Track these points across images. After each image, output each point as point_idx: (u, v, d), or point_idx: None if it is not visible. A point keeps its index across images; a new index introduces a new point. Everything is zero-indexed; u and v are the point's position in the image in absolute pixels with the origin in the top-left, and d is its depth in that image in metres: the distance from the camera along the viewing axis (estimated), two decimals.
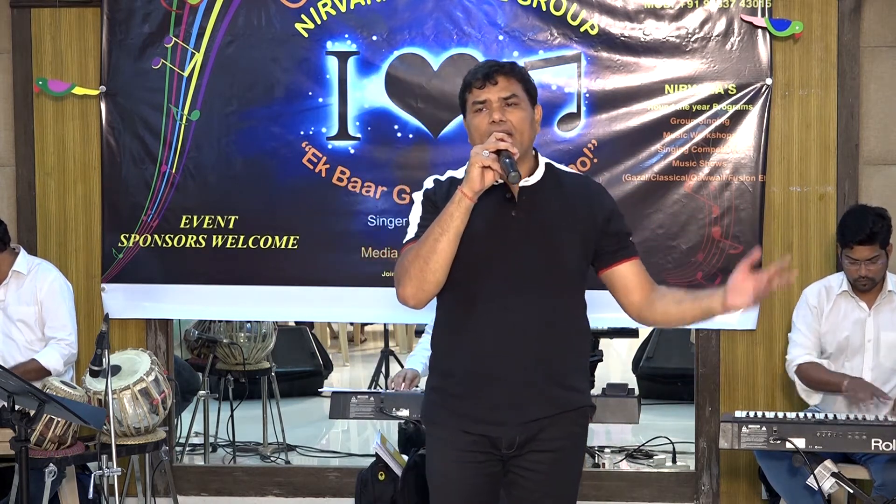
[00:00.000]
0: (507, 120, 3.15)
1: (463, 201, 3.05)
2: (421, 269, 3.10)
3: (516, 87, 3.18)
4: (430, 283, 3.11)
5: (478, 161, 3.03)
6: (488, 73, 3.17)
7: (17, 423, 3.87)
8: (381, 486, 4.90)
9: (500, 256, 3.16)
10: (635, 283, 3.29)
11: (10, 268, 5.21)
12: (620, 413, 4.25)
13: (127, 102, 5.56)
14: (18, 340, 5.20)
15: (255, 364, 6.79)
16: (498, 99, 3.16)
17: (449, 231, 3.06)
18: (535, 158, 3.27)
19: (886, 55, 5.33)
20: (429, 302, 3.20)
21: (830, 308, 4.89)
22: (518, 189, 3.19)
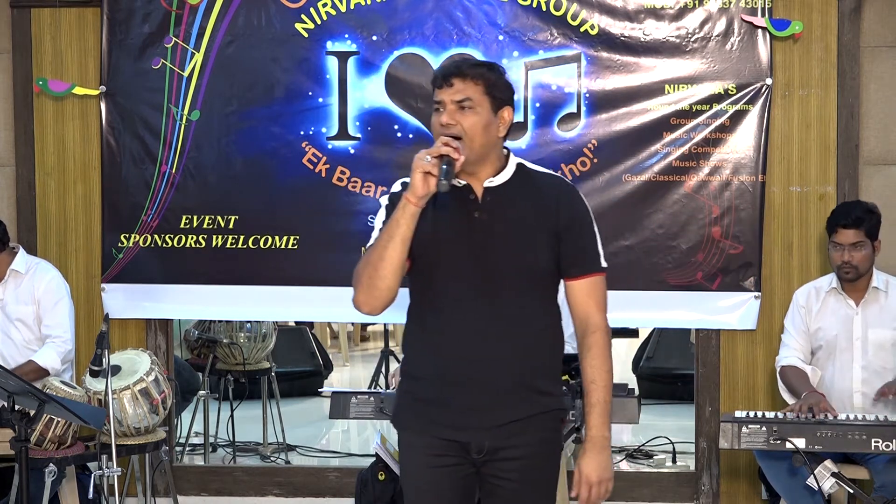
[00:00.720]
0: (456, 123, 3.07)
1: (407, 207, 3.01)
2: (370, 276, 3.07)
3: (473, 91, 3.07)
4: (380, 289, 3.08)
5: (419, 166, 2.99)
6: (446, 75, 3.10)
7: (17, 423, 3.87)
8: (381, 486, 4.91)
9: (465, 259, 3.10)
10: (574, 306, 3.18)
11: (8, 267, 5.21)
12: (620, 413, 4.25)
13: (127, 102, 5.56)
14: (17, 340, 5.20)
15: (255, 364, 6.79)
16: (451, 101, 3.08)
17: (395, 237, 3.03)
18: (505, 159, 3.17)
19: (886, 55, 5.33)
20: (384, 308, 3.14)
21: (820, 306, 4.91)
22: (482, 190, 3.13)
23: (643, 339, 8.86)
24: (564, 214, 3.14)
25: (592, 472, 3.11)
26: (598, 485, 3.12)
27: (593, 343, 3.13)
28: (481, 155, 3.11)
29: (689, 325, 5.76)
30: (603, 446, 3.12)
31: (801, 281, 5.25)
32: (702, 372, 5.48)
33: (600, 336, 3.14)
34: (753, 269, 5.33)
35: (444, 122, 3.07)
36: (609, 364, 3.15)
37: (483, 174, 3.13)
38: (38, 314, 5.21)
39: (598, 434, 3.11)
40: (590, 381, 3.12)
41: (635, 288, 5.37)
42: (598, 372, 3.12)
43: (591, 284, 3.16)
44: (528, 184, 3.16)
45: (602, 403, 3.11)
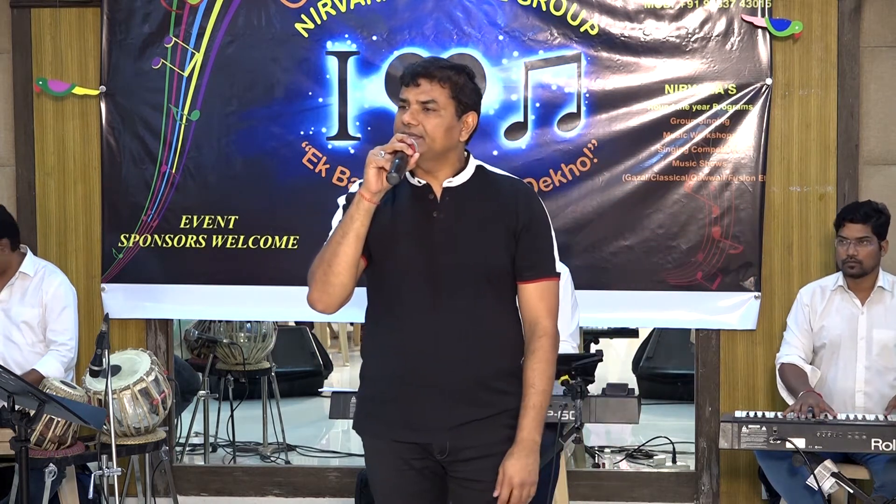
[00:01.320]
0: (417, 123, 3.06)
1: (361, 203, 3.01)
2: (325, 273, 3.07)
3: (438, 93, 3.06)
4: (334, 285, 3.08)
5: (372, 162, 2.99)
6: (413, 74, 3.09)
7: (17, 423, 3.87)
8: None
9: (423, 258, 3.10)
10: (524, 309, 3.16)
11: (17, 269, 5.21)
12: (620, 413, 4.24)
13: (127, 102, 5.56)
14: (20, 343, 5.19)
15: (255, 364, 6.79)
16: (416, 101, 3.07)
17: (349, 233, 3.03)
18: (464, 161, 3.16)
19: (886, 55, 5.33)
20: (339, 306, 3.15)
21: (824, 305, 4.91)
22: (441, 190, 3.12)
23: (643, 339, 8.86)
24: (523, 216, 3.13)
25: (516, 473, 3.06)
26: (521, 487, 3.07)
27: (538, 347, 3.12)
28: (440, 156, 3.10)
29: (689, 325, 5.76)
30: (531, 450, 3.08)
31: (801, 281, 5.25)
32: (702, 372, 5.48)
33: (546, 341, 3.12)
34: (753, 269, 5.33)
35: (405, 122, 3.06)
36: (551, 370, 3.13)
37: (442, 175, 3.13)
38: (43, 318, 5.20)
39: (527, 437, 3.08)
40: (529, 385, 3.10)
41: (635, 288, 5.37)
42: (538, 376, 3.10)
43: (543, 288, 3.15)
44: (487, 185, 3.16)
45: (537, 408, 3.09)
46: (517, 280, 3.15)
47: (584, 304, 4.99)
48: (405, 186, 3.13)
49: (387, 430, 3.14)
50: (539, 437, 3.10)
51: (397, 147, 3.00)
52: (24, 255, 5.26)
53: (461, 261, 3.09)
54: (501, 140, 5.40)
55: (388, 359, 3.15)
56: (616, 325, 7.82)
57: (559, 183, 5.38)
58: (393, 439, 3.13)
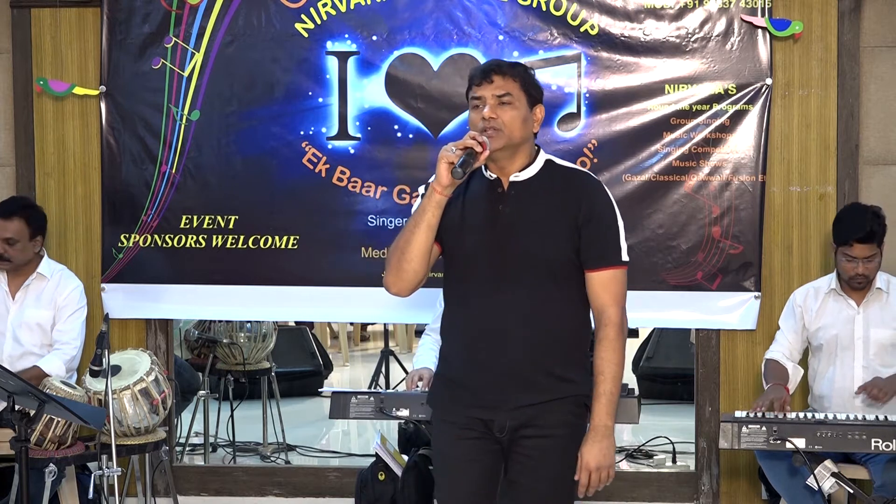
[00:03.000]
0: (496, 117, 3.25)
1: (433, 195, 3.21)
2: (398, 259, 3.29)
3: (512, 87, 3.28)
4: (407, 271, 3.28)
5: (444, 157, 3.18)
6: (486, 71, 3.29)
7: (17, 423, 3.87)
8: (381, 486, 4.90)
9: (490, 249, 3.28)
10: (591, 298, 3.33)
11: (34, 270, 5.23)
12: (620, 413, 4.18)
13: (127, 102, 5.56)
14: (27, 344, 5.19)
15: (255, 364, 6.79)
16: (492, 96, 3.27)
17: (421, 223, 3.23)
18: (534, 155, 3.35)
19: (886, 55, 5.33)
20: (412, 290, 3.35)
21: (819, 306, 4.91)
22: (508, 184, 3.31)
23: (643, 339, 8.86)
24: (585, 208, 3.28)
25: (592, 458, 3.24)
26: (597, 471, 3.25)
27: (604, 336, 3.28)
28: (517, 147, 3.30)
29: (689, 325, 5.76)
30: (605, 435, 3.26)
31: (802, 281, 5.25)
32: (702, 372, 5.48)
33: (612, 330, 3.28)
34: (753, 268, 5.33)
35: (486, 116, 3.25)
36: (618, 357, 3.28)
37: (511, 168, 3.32)
38: (55, 320, 5.22)
39: (600, 423, 3.26)
40: (598, 373, 3.28)
41: (635, 288, 5.27)
42: (606, 364, 3.27)
43: (607, 277, 3.30)
44: (553, 179, 3.33)
45: (608, 395, 3.25)
46: (584, 269, 3.31)
47: None
48: (478, 179, 3.36)
49: (454, 405, 3.36)
50: (612, 423, 3.27)
51: (468, 144, 3.18)
52: (42, 257, 5.27)
53: (523, 252, 3.27)
54: None
55: (459, 341, 3.37)
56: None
57: None
58: (460, 413, 3.34)
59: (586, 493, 3.27)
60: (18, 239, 5.16)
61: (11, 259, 5.17)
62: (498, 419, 3.29)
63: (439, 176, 3.19)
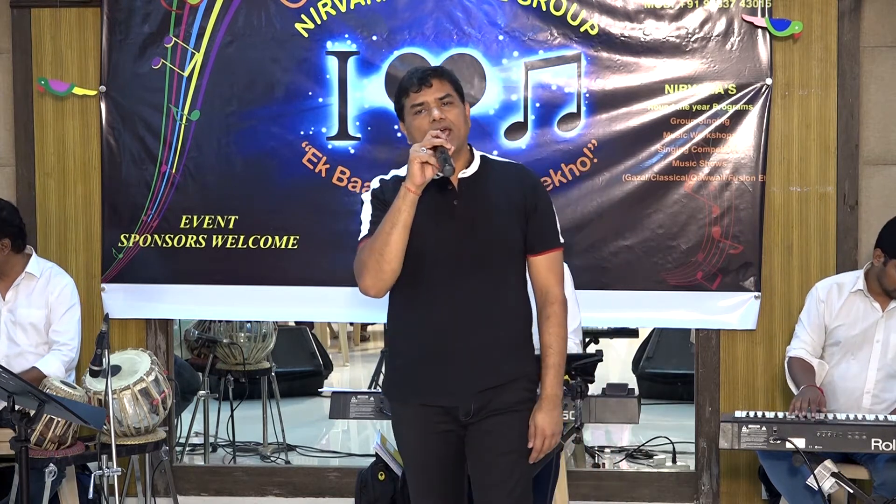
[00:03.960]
0: (445, 117, 3.42)
1: (408, 195, 3.35)
2: (377, 261, 3.39)
3: (449, 88, 3.47)
4: (387, 272, 3.40)
5: (416, 157, 3.32)
6: (423, 77, 3.45)
7: (17, 423, 3.87)
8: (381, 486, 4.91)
9: (447, 243, 3.44)
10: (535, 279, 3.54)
11: (23, 269, 5.22)
12: (620, 413, 4.25)
13: (127, 102, 5.56)
14: (23, 344, 5.19)
15: (255, 364, 6.79)
16: (434, 100, 3.44)
17: (398, 223, 3.35)
18: (471, 152, 3.54)
19: (886, 55, 5.33)
20: (388, 290, 3.47)
21: (842, 304, 4.86)
22: (458, 181, 3.48)
23: (643, 339, 8.86)
24: (530, 197, 3.50)
25: (547, 426, 3.45)
26: (552, 437, 3.45)
27: (551, 313, 3.50)
28: (462, 145, 3.47)
29: (689, 325, 5.76)
30: (555, 404, 3.48)
31: (801, 281, 5.26)
32: (702, 372, 5.48)
33: (557, 307, 3.51)
34: (753, 269, 5.33)
35: (437, 118, 3.42)
36: (564, 332, 3.51)
37: (457, 167, 3.46)
38: (48, 318, 5.21)
39: (552, 392, 3.47)
40: (546, 346, 3.49)
41: (635, 288, 5.37)
42: (553, 339, 3.49)
43: (551, 259, 3.53)
44: (494, 173, 3.53)
45: (556, 367, 3.48)
46: (528, 254, 3.52)
47: (585, 304, 4.98)
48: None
49: (415, 396, 3.49)
50: (560, 392, 3.49)
51: (436, 143, 3.34)
52: (30, 256, 5.26)
53: (480, 242, 3.44)
54: (501, 140, 5.40)
55: (414, 333, 3.49)
56: (616, 325, 7.82)
57: (559, 183, 5.37)
58: (421, 404, 3.47)
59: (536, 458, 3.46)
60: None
61: None
62: (462, 404, 3.44)
63: (413, 175, 3.32)
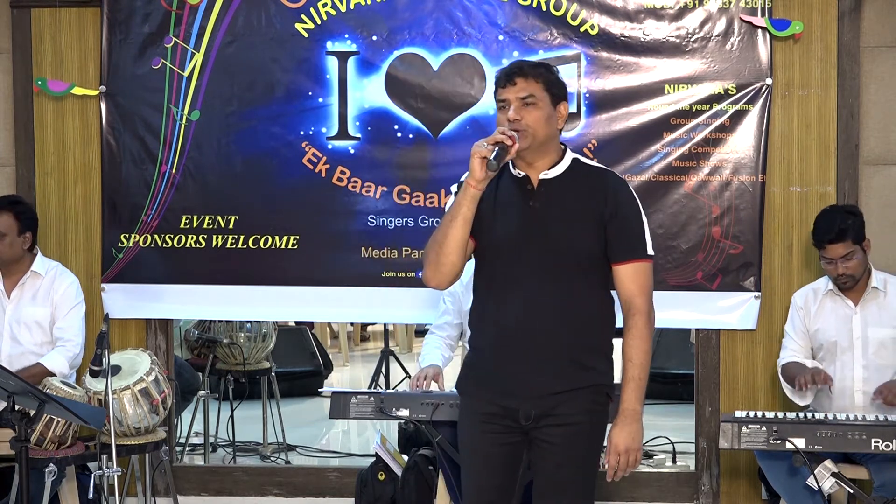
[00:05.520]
0: (520, 118, 3.37)
1: (468, 190, 3.34)
2: (436, 253, 3.41)
3: (535, 88, 3.40)
4: (445, 265, 3.41)
5: (477, 152, 3.31)
6: (510, 74, 3.42)
7: (17, 423, 3.87)
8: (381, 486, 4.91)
9: (519, 243, 3.42)
10: (619, 289, 3.50)
11: (28, 268, 5.23)
12: None
13: (127, 102, 5.56)
14: (26, 343, 5.19)
15: (255, 364, 6.79)
16: (516, 98, 3.40)
17: (457, 218, 3.36)
18: (561, 153, 3.49)
19: (886, 55, 5.33)
20: (450, 283, 3.49)
21: (817, 307, 4.91)
22: (538, 181, 3.44)
23: None
24: (610, 205, 3.43)
25: (622, 441, 3.40)
26: (626, 453, 3.40)
27: (632, 325, 3.47)
28: (542, 146, 3.43)
29: (689, 325, 5.76)
30: (634, 419, 3.41)
31: (802, 281, 5.26)
32: (702, 372, 5.48)
33: (639, 319, 3.46)
34: (753, 269, 5.33)
35: (511, 118, 3.38)
36: (646, 345, 3.46)
37: (540, 166, 3.46)
38: (53, 317, 5.22)
39: (629, 407, 3.42)
40: (627, 359, 3.44)
41: None
42: (635, 351, 3.44)
43: (634, 270, 3.46)
44: (580, 177, 3.48)
45: (636, 380, 3.42)
46: (611, 263, 3.46)
47: None
48: (508, 178, 3.49)
49: (481, 393, 3.48)
50: (640, 407, 3.43)
51: (498, 139, 3.31)
52: (35, 255, 5.27)
53: (551, 247, 3.41)
54: None
55: (487, 330, 3.49)
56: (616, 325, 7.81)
57: None
58: (486, 400, 3.46)
59: (614, 476, 3.41)
60: (6, 233, 5.16)
61: (1, 256, 5.17)
62: (523, 408, 3.41)
63: (473, 171, 3.31)
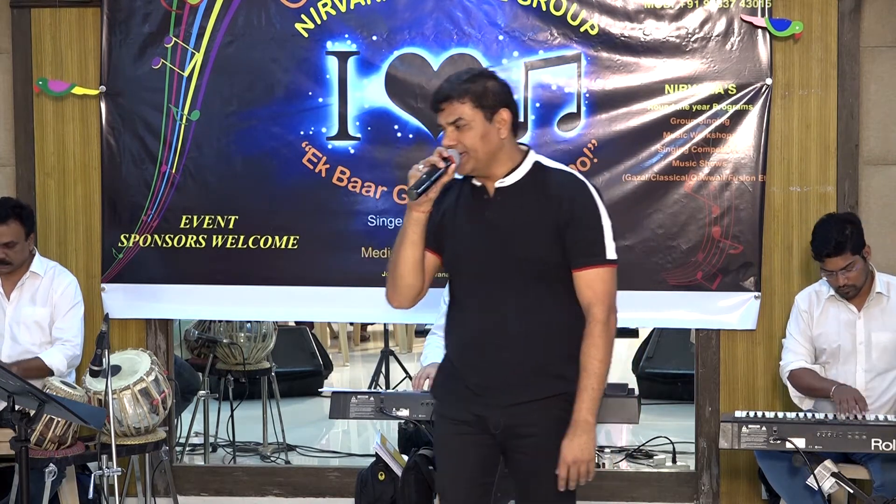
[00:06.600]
0: (456, 143, 3.30)
1: (411, 213, 3.33)
2: (392, 275, 3.41)
3: (461, 110, 3.29)
4: (402, 287, 3.40)
5: (413, 177, 3.29)
6: (435, 101, 3.34)
7: (17, 423, 3.87)
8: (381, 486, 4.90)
9: (479, 254, 3.36)
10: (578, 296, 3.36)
11: (27, 269, 5.23)
12: (620, 413, 4.24)
13: (127, 102, 5.56)
14: (25, 343, 5.19)
15: (255, 364, 6.79)
16: (447, 124, 3.32)
17: (405, 241, 3.36)
18: (520, 158, 3.39)
19: (886, 55, 5.33)
20: (413, 303, 3.45)
21: (820, 312, 4.89)
22: (494, 190, 3.36)
23: (643, 339, 8.85)
24: (566, 211, 3.31)
25: (570, 453, 3.28)
26: (575, 465, 3.28)
27: (588, 333, 3.33)
28: (488, 161, 3.34)
29: (689, 325, 5.76)
30: (584, 430, 3.29)
31: (802, 281, 5.26)
32: (702, 372, 5.48)
33: (595, 327, 3.32)
34: (753, 269, 5.33)
35: (445, 144, 3.32)
36: (602, 354, 3.31)
37: (497, 174, 3.37)
38: (52, 317, 5.22)
39: (580, 418, 3.29)
40: (582, 368, 3.31)
41: (635, 288, 5.36)
42: (590, 360, 3.31)
43: (591, 275, 3.34)
44: (538, 182, 3.37)
45: (589, 390, 3.29)
46: (571, 269, 3.35)
47: None
48: (469, 187, 3.42)
49: (454, 399, 3.45)
50: (593, 419, 3.30)
51: (431, 161, 3.28)
52: (34, 255, 5.27)
53: (509, 257, 3.34)
54: None
55: (457, 341, 3.47)
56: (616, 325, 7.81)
57: None
58: (457, 407, 3.43)
59: (566, 486, 3.29)
60: (17, 241, 5.17)
61: (13, 262, 5.18)
62: (492, 416, 3.36)
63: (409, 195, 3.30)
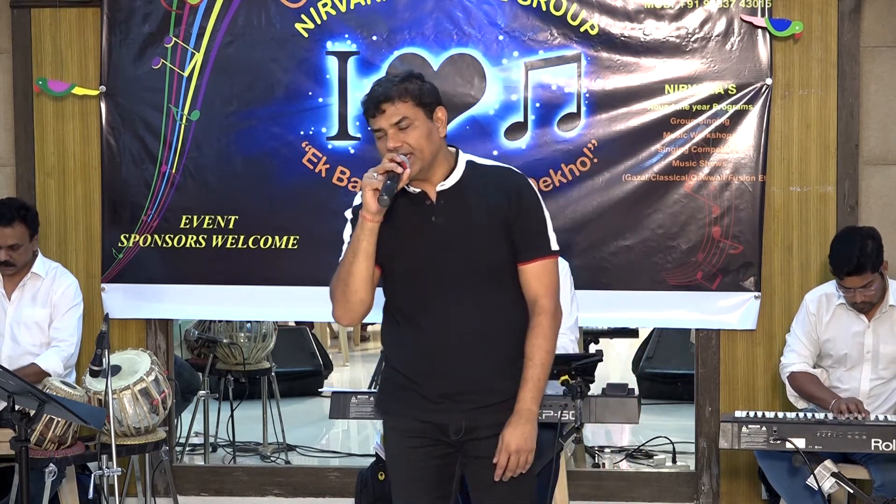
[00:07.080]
0: (402, 143, 3.22)
1: (365, 224, 3.22)
2: (343, 291, 3.27)
3: (405, 109, 3.23)
4: (354, 302, 3.28)
5: (368, 185, 3.18)
6: (376, 103, 3.23)
7: (17, 423, 3.88)
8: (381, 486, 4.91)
9: (429, 262, 3.28)
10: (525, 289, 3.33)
11: (29, 270, 5.23)
12: (620, 413, 4.25)
13: (127, 102, 5.56)
14: (25, 344, 5.19)
15: (255, 364, 6.79)
16: (389, 126, 3.23)
17: (359, 253, 3.24)
18: (454, 159, 3.34)
19: (886, 55, 5.33)
20: (362, 318, 3.34)
21: (830, 317, 4.87)
22: (436, 194, 3.30)
23: (643, 339, 8.86)
24: (513, 205, 3.29)
25: (513, 441, 3.25)
26: (517, 453, 3.25)
27: (536, 324, 3.30)
28: (433, 160, 3.27)
29: (689, 325, 5.76)
30: (528, 419, 3.27)
31: (801, 281, 5.26)
32: (702, 372, 5.48)
33: (544, 318, 3.30)
34: (753, 269, 5.33)
35: (391, 147, 3.22)
36: (549, 345, 3.31)
37: (435, 178, 3.30)
38: (52, 317, 5.22)
39: (524, 407, 3.27)
40: (527, 359, 3.29)
41: (635, 288, 5.37)
42: (536, 351, 3.29)
43: (539, 268, 3.32)
44: (478, 181, 3.32)
45: (534, 380, 3.28)
46: (517, 263, 3.31)
47: (584, 304, 4.99)
48: (404, 197, 3.29)
49: (407, 410, 3.35)
50: (536, 408, 3.28)
51: (388, 167, 3.18)
52: (36, 256, 5.27)
53: (460, 260, 3.27)
54: (501, 140, 5.40)
55: (406, 349, 3.35)
56: (616, 325, 7.81)
57: (559, 183, 5.38)
58: (412, 418, 3.34)
59: (503, 476, 3.26)
60: (21, 243, 5.17)
61: (16, 264, 5.18)
62: (453, 422, 3.31)
63: (367, 204, 3.18)
